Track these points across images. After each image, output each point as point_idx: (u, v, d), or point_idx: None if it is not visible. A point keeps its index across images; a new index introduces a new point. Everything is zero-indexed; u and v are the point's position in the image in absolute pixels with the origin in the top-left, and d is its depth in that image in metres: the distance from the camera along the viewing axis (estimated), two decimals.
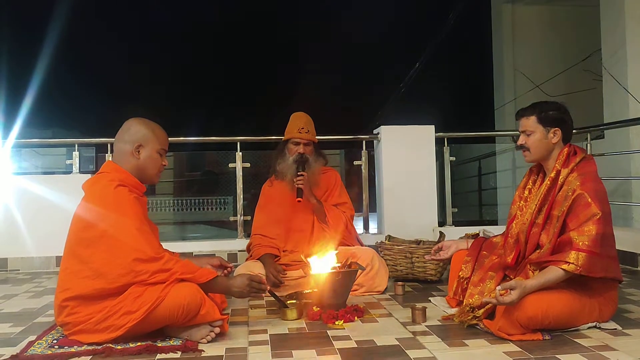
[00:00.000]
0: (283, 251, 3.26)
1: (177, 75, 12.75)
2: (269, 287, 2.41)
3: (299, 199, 3.15)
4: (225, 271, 2.59)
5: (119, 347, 2.09)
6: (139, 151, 2.32)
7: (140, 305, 2.09)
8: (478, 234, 3.28)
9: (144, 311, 2.08)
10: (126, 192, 2.24)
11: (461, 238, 2.91)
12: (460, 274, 2.61)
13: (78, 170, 4.49)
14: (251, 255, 3.26)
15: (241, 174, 4.66)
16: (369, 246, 3.37)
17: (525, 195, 2.52)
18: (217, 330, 2.21)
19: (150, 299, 2.08)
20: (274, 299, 2.56)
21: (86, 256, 2.15)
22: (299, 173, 3.18)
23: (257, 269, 3.06)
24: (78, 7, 9.42)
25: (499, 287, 2.11)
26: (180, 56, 12.46)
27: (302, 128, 3.27)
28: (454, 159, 5.00)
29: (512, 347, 2.06)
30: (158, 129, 2.39)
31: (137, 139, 2.32)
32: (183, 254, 2.63)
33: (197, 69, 12.81)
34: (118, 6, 11.44)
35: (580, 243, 2.16)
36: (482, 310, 2.32)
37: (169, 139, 2.46)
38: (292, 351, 2.08)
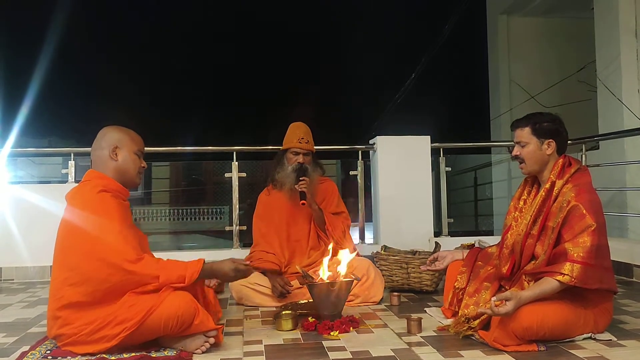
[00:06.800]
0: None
1: (174, 85, 12.78)
2: (251, 265, 2.48)
3: (302, 201, 3.15)
4: (214, 282, 2.59)
5: (113, 358, 2.08)
6: (116, 153, 2.35)
7: (134, 314, 2.08)
8: (474, 245, 3.30)
9: (138, 320, 2.07)
10: (109, 196, 2.25)
11: (457, 248, 2.92)
12: (455, 284, 2.61)
13: (74, 180, 4.48)
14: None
15: (237, 183, 4.66)
16: (364, 256, 3.37)
17: (520, 206, 2.52)
18: (212, 340, 2.20)
19: (144, 308, 2.08)
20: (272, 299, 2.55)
21: (73, 262, 2.15)
22: (301, 178, 3.19)
23: (252, 278, 3.05)
24: (75, 16, 9.45)
25: (494, 298, 2.11)
26: (177, 66, 12.50)
27: (302, 138, 3.28)
28: (449, 169, 5.01)
29: (507, 358, 2.06)
30: (132, 132, 2.44)
31: (113, 142, 2.36)
32: None
33: (194, 79, 12.85)
34: (115, 15, 11.48)
35: (575, 254, 2.16)
36: (477, 321, 2.33)
37: (166, 148, 2.48)
38: None
